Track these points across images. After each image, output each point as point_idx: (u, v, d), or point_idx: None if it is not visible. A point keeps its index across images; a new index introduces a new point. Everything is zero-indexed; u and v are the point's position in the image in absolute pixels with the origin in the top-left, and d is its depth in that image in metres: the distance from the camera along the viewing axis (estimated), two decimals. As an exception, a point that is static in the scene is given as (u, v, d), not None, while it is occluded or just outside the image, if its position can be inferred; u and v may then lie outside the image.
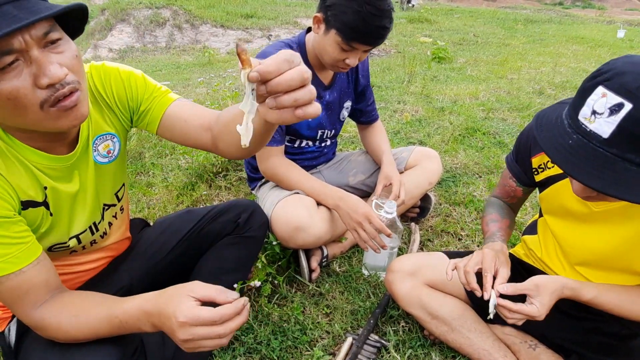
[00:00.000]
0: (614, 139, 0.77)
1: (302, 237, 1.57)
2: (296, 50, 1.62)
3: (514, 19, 11.76)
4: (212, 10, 9.77)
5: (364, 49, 1.50)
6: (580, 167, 0.81)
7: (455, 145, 2.92)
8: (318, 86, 1.70)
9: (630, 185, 0.77)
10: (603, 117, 0.78)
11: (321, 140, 1.87)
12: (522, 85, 4.60)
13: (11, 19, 0.67)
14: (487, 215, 1.38)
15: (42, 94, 0.74)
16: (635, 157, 0.77)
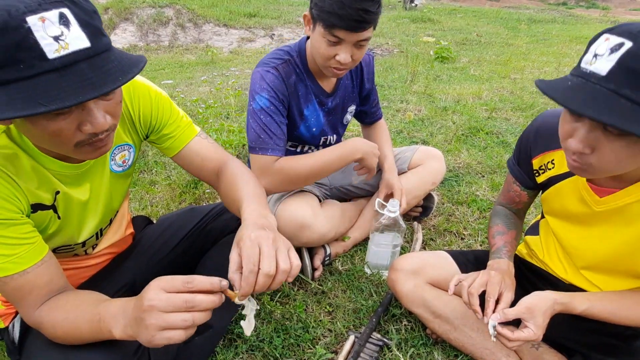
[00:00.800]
0: (612, 75, 0.78)
1: (306, 235, 1.57)
2: (295, 58, 1.57)
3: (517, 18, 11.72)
4: (215, 9, 9.76)
5: (351, 39, 1.38)
6: (575, 99, 0.80)
7: (458, 145, 2.92)
8: (320, 94, 1.65)
9: (620, 116, 0.76)
10: (604, 57, 0.79)
11: (324, 146, 1.84)
12: (526, 85, 4.59)
13: (87, 83, 0.69)
14: (494, 226, 1.36)
15: (82, 136, 0.79)
16: (631, 93, 0.76)
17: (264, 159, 1.50)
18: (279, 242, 0.90)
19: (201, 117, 2.92)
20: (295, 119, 1.63)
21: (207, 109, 2.95)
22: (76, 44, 0.70)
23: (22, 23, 0.65)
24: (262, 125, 1.49)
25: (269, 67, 1.51)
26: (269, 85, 1.49)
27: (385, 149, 1.90)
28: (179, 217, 1.41)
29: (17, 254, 0.86)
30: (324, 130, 1.74)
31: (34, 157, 0.89)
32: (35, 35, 0.66)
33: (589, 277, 1.20)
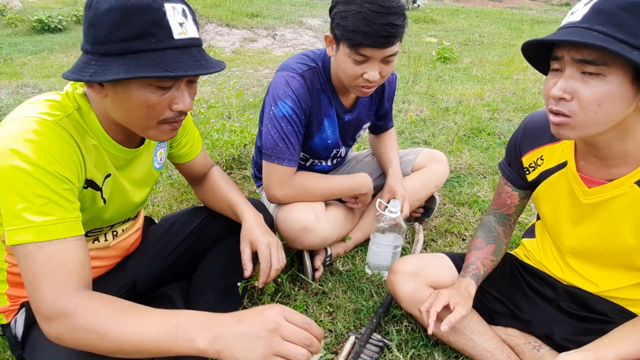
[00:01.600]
0: (585, 18, 0.87)
1: (308, 238, 1.56)
2: (320, 68, 1.55)
3: (520, 19, 11.70)
4: (217, 9, 9.77)
5: (378, 56, 1.34)
6: (553, 35, 0.89)
7: (460, 146, 2.91)
8: (338, 109, 1.64)
9: (591, 38, 0.83)
10: (579, 10, 0.89)
11: (334, 157, 1.84)
12: (528, 85, 4.59)
13: (198, 63, 0.87)
14: (474, 239, 1.39)
15: (169, 113, 0.92)
16: (602, 27, 0.84)
17: (282, 169, 1.51)
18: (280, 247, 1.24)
19: (202, 117, 2.92)
20: (312, 129, 1.62)
21: (208, 108, 2.95)
22: (191, 33, 0.88)
23: (161, 7, 0.82)
24: (281, 134, 1.49)
25: (295, 74, 1.49)
26: (294, 93, 1.47)
27: (392, 154, 1.89)
28: (180, 217, 1.41)
29: (63, 220, 0.83)
30: (337, 143, 1.74)
31: (97, 137, 0.97)
32: (168, 18, 0.83)
33: (584, 273, 1.20)
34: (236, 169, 2.52)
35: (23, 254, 0.80)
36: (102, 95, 0.89)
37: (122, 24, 0.80)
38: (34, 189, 0.80)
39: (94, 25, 0.82)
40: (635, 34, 0.82)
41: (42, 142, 0.83)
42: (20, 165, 0.79)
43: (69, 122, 0.91)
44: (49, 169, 0.82)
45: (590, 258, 1.18)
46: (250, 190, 2.30)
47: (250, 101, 3.73)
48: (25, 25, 8.67)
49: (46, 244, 0.81)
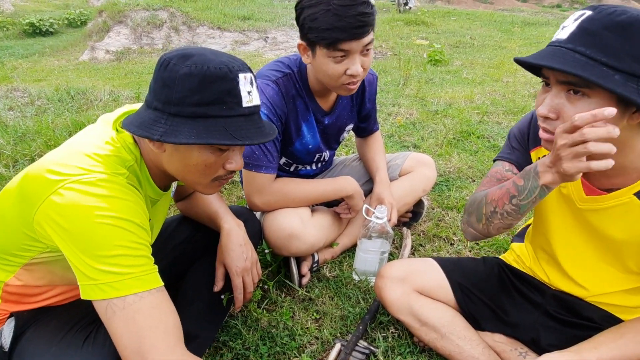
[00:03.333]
0: (571, 37, 0.88)
1: (295, 245, 1.55)
2: (295, 73, 1.55)
3: (511, 21, 11.77)
4: (209, 12, 9.76)
5: (356, 48, 1.34)
6: (535, 57, 0.89)
7: (449, 149, 2.91)
8: (317, 112, 1.63)
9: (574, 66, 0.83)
10: (568, 27, 0.89)
11: (318, 162, 1.83)
12: (518, 88, 4.61)
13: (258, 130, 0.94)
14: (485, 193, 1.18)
15: (222, 172, 0.98)
16: (585, 49, 0.85)
17: (260, 177, 1.51)
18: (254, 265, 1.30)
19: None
20: (291, 135, 1.61)
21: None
22: (255, 101, 0.95)
23: (236, 77, 0.88)
24: None
25: (269, 81, 1.49)
26: (269, 100, 1.47)
27: (378, 160, 1.88)
28: (168, 227, 1.40)
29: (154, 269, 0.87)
30: (319, 147, 1.73)
31: (146, 188, 1.03)
32: (240, 87, 0.89)
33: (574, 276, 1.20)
34: (225, 174, 2.51)
35: (121, 308, 0.81)
36: (161, 150, 0.94)
37: (199, 90, 0.85)
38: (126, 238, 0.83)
39: (169, 86, 0.86)
40: (618, 56, 0.82)
41: (125, 200, 0.87)
42: (111, 222, 0.82)
43: (133, 178, 0.96)
44: (137, 221, 0.86)
45: (582, 260, 1.17)
46: (239, 196, 2.29)
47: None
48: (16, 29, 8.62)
49: (147, 294, 0.83)
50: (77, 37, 9.92)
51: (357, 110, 1.80)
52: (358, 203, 1.70)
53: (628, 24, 0.81)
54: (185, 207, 1.41)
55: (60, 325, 1.02)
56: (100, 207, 0.82)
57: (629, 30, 0.81)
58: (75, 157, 0.90)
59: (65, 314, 1.08)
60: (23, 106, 3.70)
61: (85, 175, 0.86)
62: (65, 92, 4.01)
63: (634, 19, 0.81)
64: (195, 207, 1.37)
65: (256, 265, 1.31)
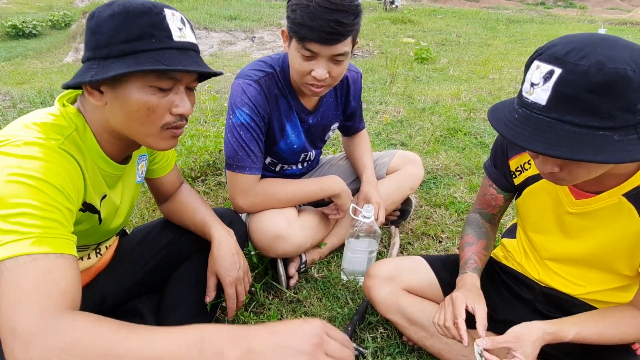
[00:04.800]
0: (551, 103, 0.80)
1: (282, 246, 1.53)
2: (278, 72, 1.53)
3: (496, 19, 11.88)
4: (195, 12, 9.70)
5: (325, 53, 1.32)
6: (523, 134, 0.83)
7: (437, 146, 2.92)
8: (301, 111, 1.62)
9: (572, 145, 0.78)
10: (539, 86, 0.82)
11: (304, 161, 1.81)
12: (504, 85, 4.64)
13: (196, 64, 0.91)
14: (464, 236, 1.35)
15: (169, 118, 0.94)
16: (574, 118, 0.79)
17: (244, 178, 1.50)
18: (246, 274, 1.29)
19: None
20: (275, 135, 1.60)
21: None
22: (189, 38, 0.93)
23: (161, 11, 0.88)
24: (240, 142, 1.47)
25: (251, 80, 1.47)
26: (251, 100, 1.45)
27: (365, 159, 1.87)
28: (151, 230, 1.37)
29: (62, 235, 0.77)
30: (304, 147, 1.72)
31: (93, 156, 0.97)
32: (168, 21, 0.88)
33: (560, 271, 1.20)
34: (211, 175, 2.48)
35: (9, 269, 0.69)
36: (102, 102, 0.90)
37: (124, 27, 0.85)
38: (35, 197, 0.75)
39: (96, 31, 0.86)
40: (610, 115, 0.77)
41: (47, 162, 0.80)
42: (24, 180, 0.75)
43: (70, 145, 0.89)
44: (56, 183, 0.79)
45: (572, 262, 1.17)
46: (225, 197, 2.26)
47: (225, 106, 3.69)
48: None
49: (42, 257, 0.72)
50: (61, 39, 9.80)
51: (342, 109, 1.79)
52: (345, 202, 1.68)
53: (610, 83, 0.75)
54: (169, 213, 1.38)
55: None
56: (14, 166, 0.75)
57: (613, 89, 0.75)
58: (13, 127, 0.87)
59: None
60: (5, 109, 3.63)
61: (13, 139, 0.81)
62: (48, 94, 3.95)
63: (613, 75, 0.75)
64: (180, 213, 1.34)
65: (247, 273, 1.30)
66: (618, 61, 0.75)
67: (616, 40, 0.80)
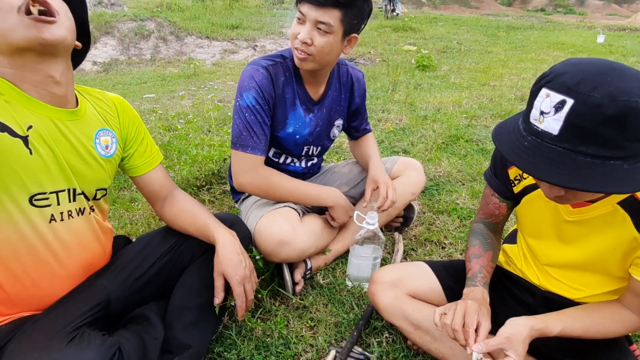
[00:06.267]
0: (564, 134, 0.82)
1: (285, 251, 1.56)
2: (288, 61, 1.61)
3: (497, 26, 11.94)
4: (197, 21, 9.77)
5: (312, 16, 1.42)
6: (537, 165, 0.85)
7: (439, 154, 2.94)
8: (307, 101, 1.68)
9: (585, 176, 0.81)
10: (550, 115, 0.83)
11: (307, 157, 1.85)
12: (504, 92, 4.67)
13: None
14: (470, 247, 1.36)
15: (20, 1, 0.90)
16: (586, 148, 0.81)
17: (246, 156, 1.57)
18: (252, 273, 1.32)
19: (179, 132, 2.91)
20: (278, 121, 1.66)
21: (186, 123, 2.95)
22: None
23: None
24: (245, 123, 1.55)
25: (259, 67, 1.56)
26: (257, 84, 1.54)
27: (371, 152, 1.94)
28: (155, 236, 1.39)
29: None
30: (307, 139, 1.75)
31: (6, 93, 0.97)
32: None
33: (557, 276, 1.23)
34: (216, 183, 2.51)
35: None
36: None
37: None
38: None
39: None
40: (622, 146, 0.80)
41: None
42: None
43: None
44: None
45: (569, 267, 1.19)
46: (230, 205, 2.29)
47: (229, 115, 3.73)
48: (1, 42, 8.54)
49: None
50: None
51: (347, 105, 1.85)
52: (339, 216, 1.75)
53: (623, 115, 0.77)
54: (170, 220, 1.39)
55: (42, 335, 1.02)
56: None
57: (625, 121, 0.78)
58: None
59: (48, 324, 1.07)
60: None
61: None
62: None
63: (625, 108, 0.77)
64: (181, 220, 1.36)
65: (253, 272, 1.32)
66: (629, 93, 0.77)
67: (623, 69, 0.82)
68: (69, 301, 1.16)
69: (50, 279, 1.14)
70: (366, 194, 1.77)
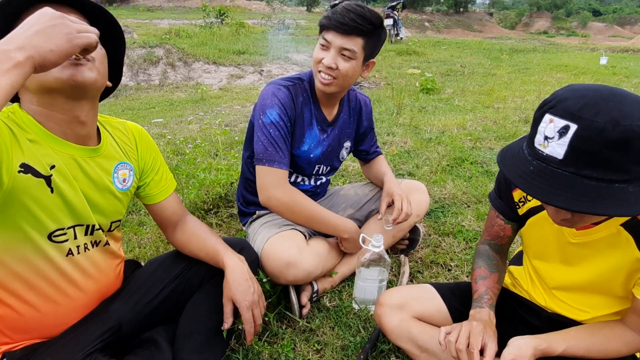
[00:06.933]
0: (568, 158, 0.84)
1: (292, 272, 1.58)
2: (305, 83, 1.70)
3: (500, 49, 12.07)
4: (204, 47, 9.97)
5: (336, 43, 1.53)
6: (543, 189, 0.87)
7: (444, 176, 2.96)
8: (322, 122, 1.76)
9: (591, 199, 0.82)
10: (554, 140, 0.85)
11: (317, 176, 1.89)
12: (508, 114, 4.71)
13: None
14: (476, 269, 1.36)
15: None
16: (591, 172, 0.83)
17: (274, 171, 1.60)
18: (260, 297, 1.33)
19: (188, 156, 2.95)
20: (296, 139, 1.71)
21: (194, 148, 2.99)
22: None
23: None
24: (270, 139, 1.59)
25: (281, 86, 1.64)
26: (280, 102, 1.60)
27: (384, 169, 2.00)
28: (164, 260, 1.42)
29: None
30: (320, 158, 1.81)
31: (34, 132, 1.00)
32: None
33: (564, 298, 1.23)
34: (223, 207, 2.54)
35: None
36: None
37: None
38: None
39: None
40: (626, 169, 0.82)
41: None
42: None
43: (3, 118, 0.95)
44: None
45: (574, 288, 1.20)
46: (237, 229, 2.31)
47: (237, 139, 3.78)
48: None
49: None
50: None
51: (355, 127, 1.92)
52: (351, 248, 1.81)
53: (626, 139, 0.79)
54: (180, 244, 1.42)
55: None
56: None
57: (628, 144, 0.80)
58: None
59: (61, 350, 1.09)
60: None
61: None
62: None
63: (628, 132, 0.79)
64: (190, 244, 1.39)
65: (262, 297, 1.34)
66: (632, 118, 0.80)
67: (624, 94, 0.85)
68: (81, 327, 1.18)
69: (66, 308, 1.17)
70: (381, 207, 1.82)
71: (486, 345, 1.11)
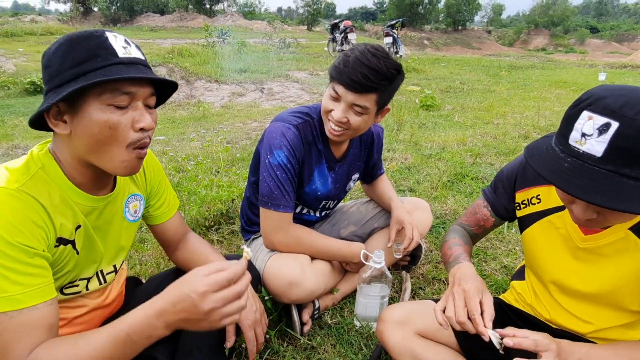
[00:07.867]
0: (607, 156, 0.83)
1: (295, 292, 1.57)
2: (315, 121, 1.64)
3: (499, 65, 12.17)
4: (206, 66, 10.08)
5: (347, 99, 1.43)
6: (580, 185, 0.85)
7: (445, 192, 2.97)
8: (330, 159, 1.72)
9: (630, 198, 0.81)
10: (593, 137, 0.84)
11: (323, 209, 1.89)
12: (508, 130, 4.73)
13: (144, 73, 0.95)
14: (450, 239, 1.37)
15: (133, 135, 0.97)
16: (630, 171, 0.82)
17: (278, 216, 1.58)
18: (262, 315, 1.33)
19: (190, 173, 2.97)
20: (303, 178, 1.68)
21: (196, 165, 3.01)
22: (135, 54, 0.97)
23: (102, 34, 0.94)
24: (276, 181, 1.56)
25: (290, 125, 1.59)
26: (289, 143, 1.56)
27: (389, 192, 1.97)
28: (166, 278, 1.41)
29: (34, 287, 0.87)
30: (327, 195, 1.79)
31: (61, 188, 1.00)
32: (110, 42, 0.94)
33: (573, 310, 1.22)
34: (224, 223, 2.54)
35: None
36: (67, 131, 0.94)
37: (70, 53, 0.91)
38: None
39: (48, 65, 0.93)
40: None
41: (3, 213, 0.86)
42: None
43: (33, 185, 0.94)
44: (13, 240, 0.85)
45: (581, 297, 1.19)
46: (238, 245, 2.31)
47: (238, 156, 3.80)
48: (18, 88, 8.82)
49: (17, 313, 0.85)
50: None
51: (365, 161, 1.89)
52: (356, 267, 1.79)
53: None
54: (181, 262, 1.42)
55: None
56: None
57: None
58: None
59: None
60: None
61: None
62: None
63: None
64: (192, 262, 1.38)
65: (264, 315, 1.33)
66: None
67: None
68: None
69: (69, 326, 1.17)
70: (391, 235, 1.80)
71: (483, 301, 1.09)
